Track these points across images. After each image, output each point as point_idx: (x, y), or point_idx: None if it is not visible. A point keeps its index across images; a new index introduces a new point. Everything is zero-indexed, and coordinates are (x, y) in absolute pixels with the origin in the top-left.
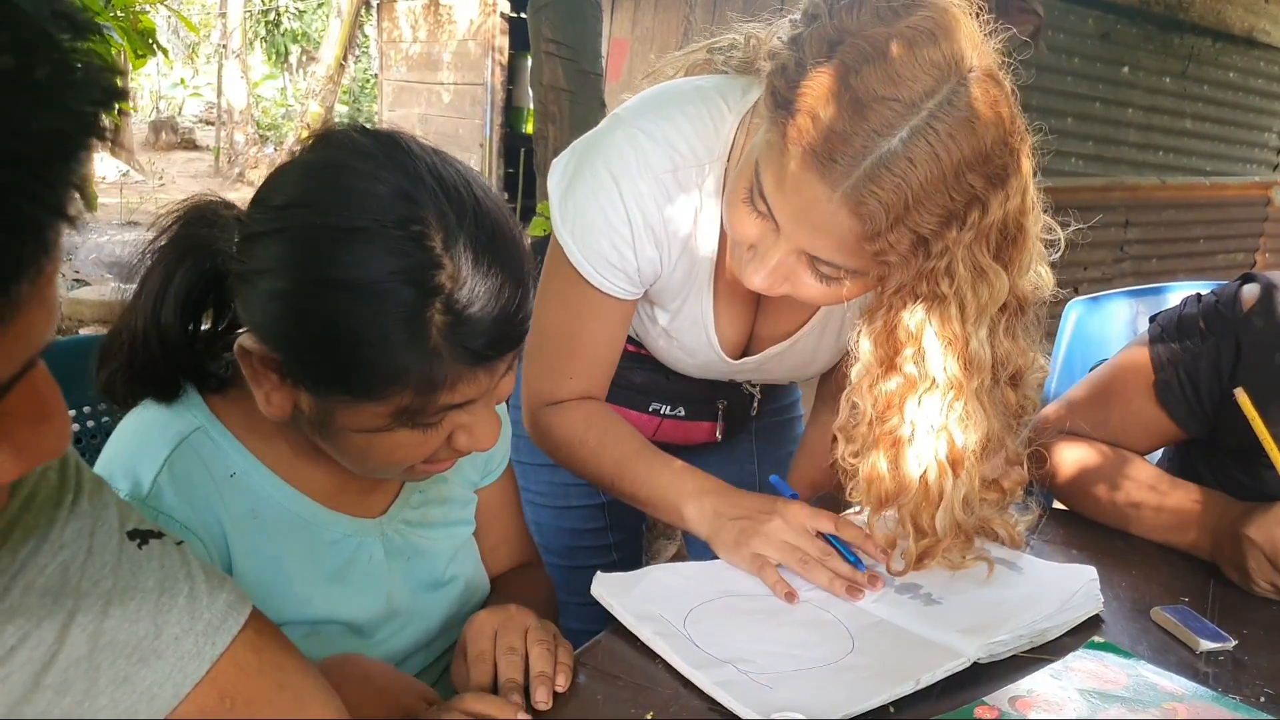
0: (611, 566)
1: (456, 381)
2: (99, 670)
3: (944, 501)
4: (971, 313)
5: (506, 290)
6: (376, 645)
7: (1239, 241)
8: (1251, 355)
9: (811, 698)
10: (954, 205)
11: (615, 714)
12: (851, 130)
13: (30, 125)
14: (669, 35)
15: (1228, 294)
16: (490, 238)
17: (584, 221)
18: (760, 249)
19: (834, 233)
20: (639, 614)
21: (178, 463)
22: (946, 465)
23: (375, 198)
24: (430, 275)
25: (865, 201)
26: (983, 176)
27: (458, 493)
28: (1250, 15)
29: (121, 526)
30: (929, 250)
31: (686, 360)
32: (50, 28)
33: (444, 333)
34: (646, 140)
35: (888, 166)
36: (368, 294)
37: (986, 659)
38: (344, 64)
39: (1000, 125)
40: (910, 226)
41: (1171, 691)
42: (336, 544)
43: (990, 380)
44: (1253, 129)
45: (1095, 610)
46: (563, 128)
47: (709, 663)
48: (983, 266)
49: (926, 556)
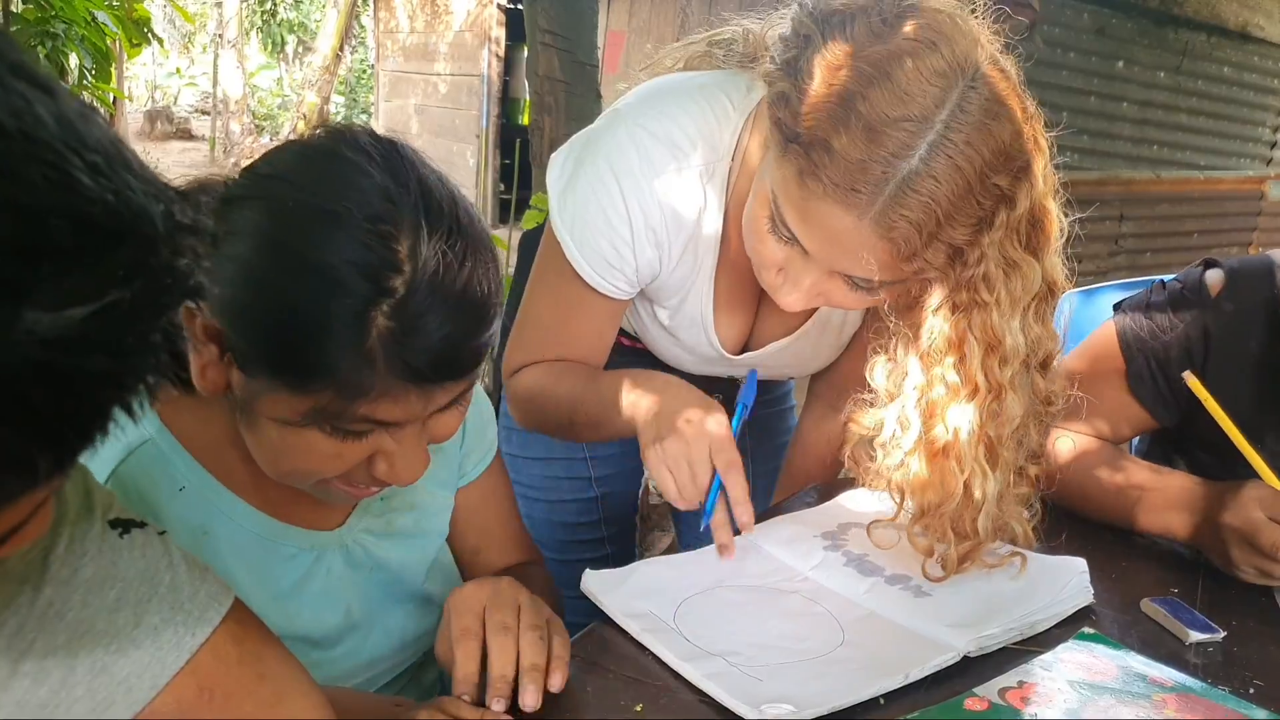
0: (604, 559)
1: (384, 395)
2: (76, 659)
3: (986, 504)
4: (1007, 309)
5: (465, 318)
6: (337, 660)
7: (1233, 235)
8: (1221, 341)
9: (801, 690)
10: (983, 210)
11: (605, 706)
12: (869, 158)
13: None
14: (665, 27)
15: (1193, 280)
16: (461, 261)
17: (583, 220)
18: (790, 272)
19: (868, 256)
20: (628, 610)
21: (125, 475)
22: (987, 468)
23: (356, 189)
24: (387, 276)
25: (896, 225)
26: (1007, 175)
27: (428, 499)
28: (1245, 10)
29: (103, 515)
30: (965, 259)
31: (685, 357)
32: None
33: (384, 339)
34: (649, 139)
35: (912, 187)
36: (320, 275)
37: (976, 652)
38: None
39: (1014, 118)
40: (945, 240)
41: (1161, 682)
42: (292, 559)
43: (1022, 368)
44: (1247, 123)
45: (1085, 602)
46: (558, 119)
47: (698, 655)
48: (1015, 260)
49: (967, 560)
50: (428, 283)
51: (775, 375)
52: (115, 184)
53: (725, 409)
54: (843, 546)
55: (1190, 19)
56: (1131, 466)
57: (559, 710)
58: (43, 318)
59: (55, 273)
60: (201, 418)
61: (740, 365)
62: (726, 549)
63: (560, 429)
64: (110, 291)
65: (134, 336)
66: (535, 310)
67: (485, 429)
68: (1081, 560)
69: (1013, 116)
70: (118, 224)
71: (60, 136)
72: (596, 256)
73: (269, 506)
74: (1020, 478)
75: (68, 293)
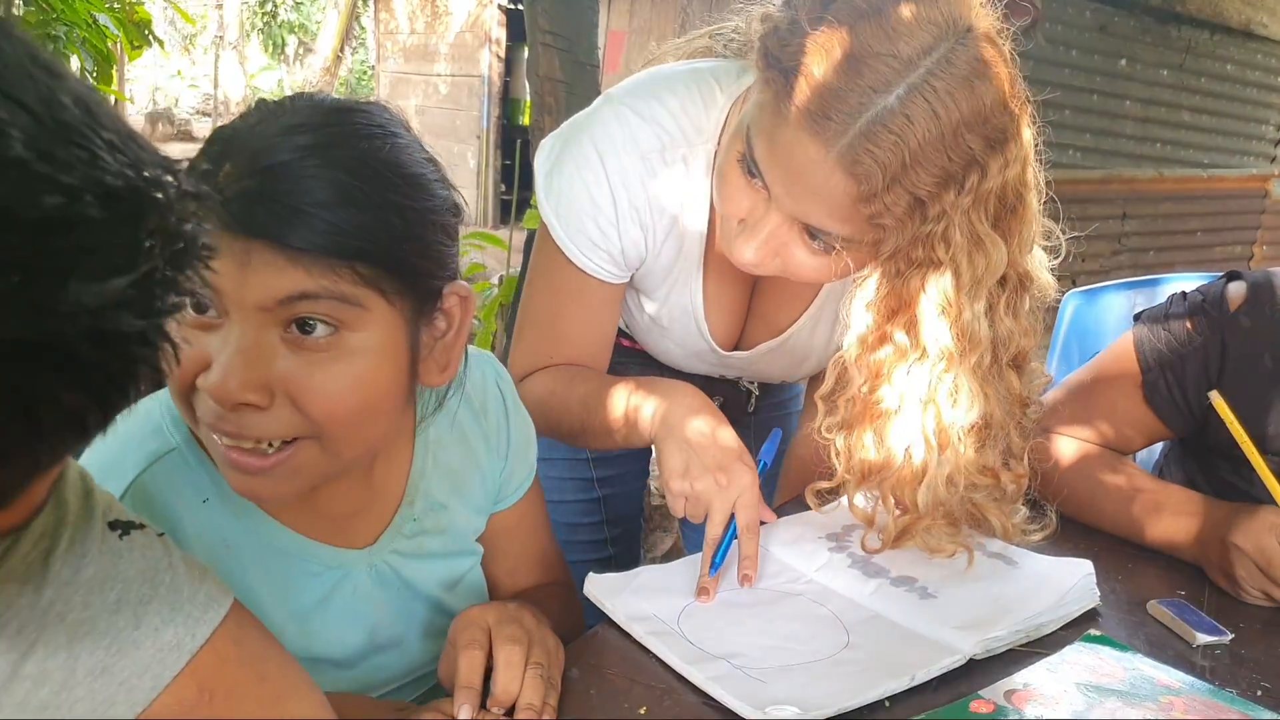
0: (608, 560)
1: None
2: (77, 660)
3: (927, 477)
4: (967, 282)
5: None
6: (354, 679)
7: (1236, 234)
8: (1239, 356)
9: (805, 692)
10: (951, 166)
11: (608, 709)
12: (846, 87)
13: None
14: (666, 27)
15: (1214, 293)
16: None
17: (568, 198)
18: (750, 220)
19: (829, 196)
20: (632, 614)
21: (148, 484)
22: (932, 440)
23: None
24: None
25: (861, 160)
26: (981, 138)
27: (460, 522)
28: (1248, 8)
29: (104, 516)
30: (925, 214)
31: (677, 352)
32: None
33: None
34: (634, 118)
35: (884, 124)
36: None
37: (982, 655)
38: (341, 55)
39: (1000, 87)
40: (907, 188)
41: (1168, 685)
42: (317, 576)
43: (990, 359)
44: (1250, 121)
45: (1092, 604)
46: (559, 119)
47: (702, 658)
48: (980, 235)
49: (905, 535)
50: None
51: (770, 377)
52: (131, 158)
53: (729, 413)
54: (847, 548)
55: (1193, 17)
56: (1134, 475)
57: (563, 713)
58: (88, 289)
59: (92, 246)
60: None
61: (734, 364)
62: (707, 594)
63: (572, 437)
64: (144, 260)
65: (164, 301)
66: (532, 303)
67: (527, 450)
68: (1087, 562)
69: (999, 85)
70: (138, 195)
71: (81, 118)
72: (582, 236)
73: (295, 522)
74: (983, 472)
75: (108, 266)
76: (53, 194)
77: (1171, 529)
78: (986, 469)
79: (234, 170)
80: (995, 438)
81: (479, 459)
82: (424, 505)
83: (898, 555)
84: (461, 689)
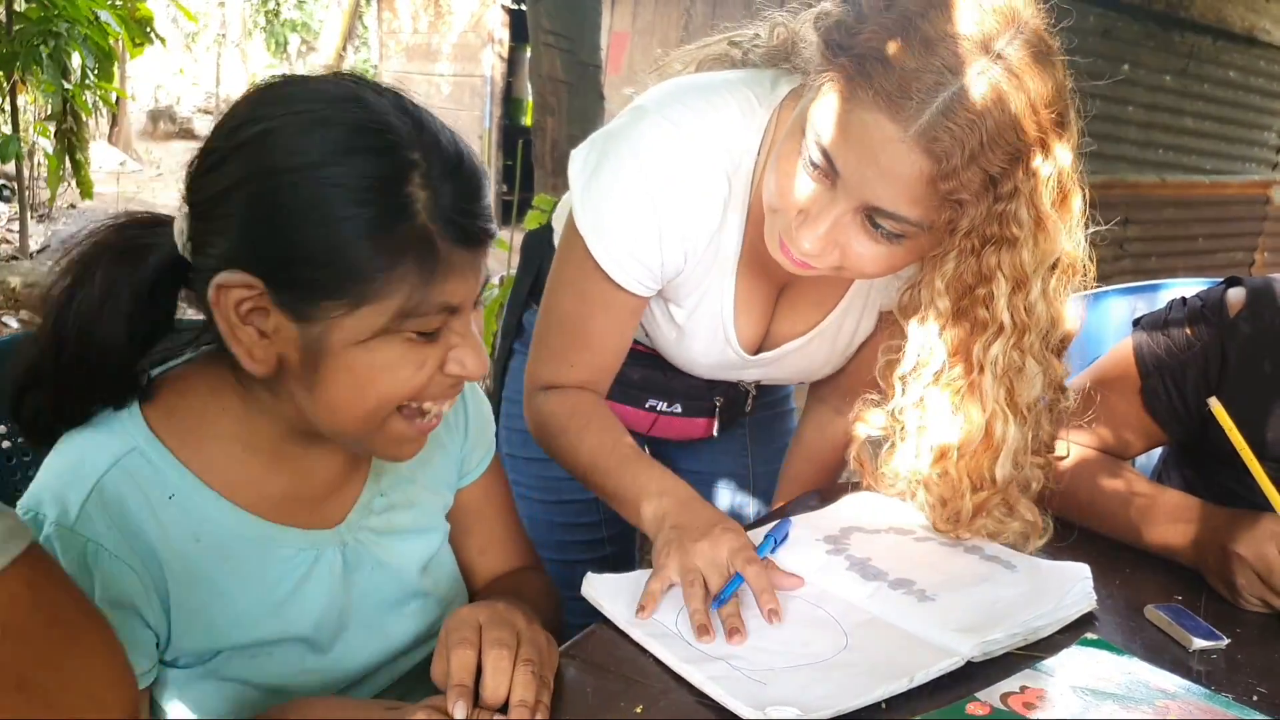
0: (604, 560)
1: (450, 270)
2: None
3: (1005, 449)
4: (1033, 261)
5: (477, 176)
6: (335, 664)
7: (1238, 240)
8: (1239, 362)
9: (805, 693)
10: (1021, 145)
11: (605, 707)
12: (923, 67)
13: None
14: (669, 28)
15: (1213, 298)
16: (449, 130)
17: (607, 214)
18: (813, 211)
19: (905, 175)
20: (631, 618)
21: (109, 487)
22: (1009, 411)
23: (323, 95)
24: (402, 150)
25: (940, 138)
26: (1048, 118)
27: (428, 497)
28: (1251, 14)
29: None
30: (998, 191)
31: (700, 360)
32: None
33: (428, 207)
34: (675, 131)
35: (960, 102)
36: (338, 168)
37: (980, 658)
38: (343, 54)
39: (1060, 73)
40: (982, 165)
41: (1164, 689)
42: (289, 560)
43: (1040, 342)
44: (1253, 128)
45: (1089, 608)
46: (561, 119)
47: (700, 659)
48: (1043, 215)
49: (979, 512)
50: (438, 149)
51: (784, 380)
52: None
53: (727, 413)
54: (845, 550)
55: (1196, 22)
56: (1133, 480)
57: (559, 712)
58: None
59: None
60: (193, 423)
61: (754, 366)
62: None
63: (572, 474)
64: None
65: None
66: (555, 309)
67: (485, 428)
68: (1085, 566)
69: (1058, 72)
70: None
71: None
72: (621, 251)
73: (263, 509)
74: (1039, 452)
75: None
76: None
77: (1169, 534)
78: (1039, 449)
79: (456, 190)
80: (1037, 416)
81: (440, 437)
82: (390, 481)
83: (896, 558)
84: (454, 688)
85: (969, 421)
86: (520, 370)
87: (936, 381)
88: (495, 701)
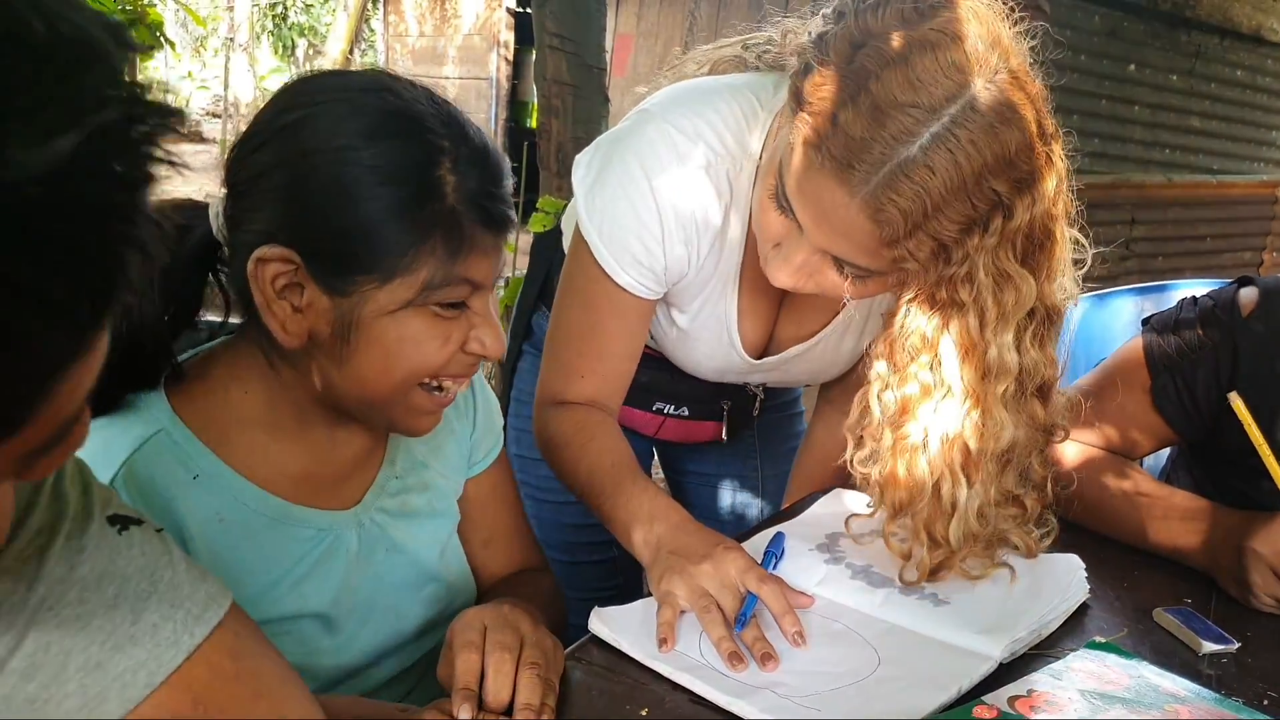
0: (610, 562)
1: (474, 249)
2: (69, 656)
3: (958, 512)
4: (992, 319)
5: (500, 163)
6: (351, 645)
7: (1245, 240)
8: (1251, 362)
9: (861, 715)
10: (976, 212)
11: (611, 710)
12: (871, 137)
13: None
14: (673, 30)
15: (1225, 298)
16: (469, 121)
17: (612, 217)
18: (785, 247)
19: (853, 236)
20: (651, 650)
21: (137, 466)
22: (961, 475)
23: (362, 87)
24: (432, 137)
25: (884, 208)
26: (1007, 181)
27: (441, 481)
28: (1258, 13)
29: (102, 511)
30: (949, 257)
31: (705, 364)
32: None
33: (457, 192)
34: (679, 135)
35: (906, 174)
36: (372, 150)
37: (1008, 659)
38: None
39: (1025, 129)
40: (930, 234)
41: (1173, 693)
42: (309, 540)
43: (1015, 389)
44: (1260, 127)
45: (1083, 598)
46: (565, 122)
47: (744, 690)
48: (1008, 272)
49: (942, 569)
50: (465, 139)
51: (791, 382)
52: (59, 14)
53: (733, 415)
54: (843, 559)
55: (1203, 22)
56: (1141, 481)
57: (565, 714)
58: (31, 154)
59: (28, 106)
60: (216, 406)
61: (759, 370)
62: (739, 659)
63: (571, 491)
64: (87, 118)
65: (125, 165)
66: (565, 319)
67: (494, 419)
68: (1075, 557)
69: (1024, 127)
70: (70, 51)
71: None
72: (626, 254)
73: (283, 490)
74: (1011, 503)
75: (47, 126)
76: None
77: (1179, 533)
78: (1014, 499)
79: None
80: (1018, 464)
81: (450, 424)
82: (405, 464)
83: (900, 563)
84: (459, 690)
85: (916, 486)
86: (529, 371)
87: (886, 442)
88: (498, 704)
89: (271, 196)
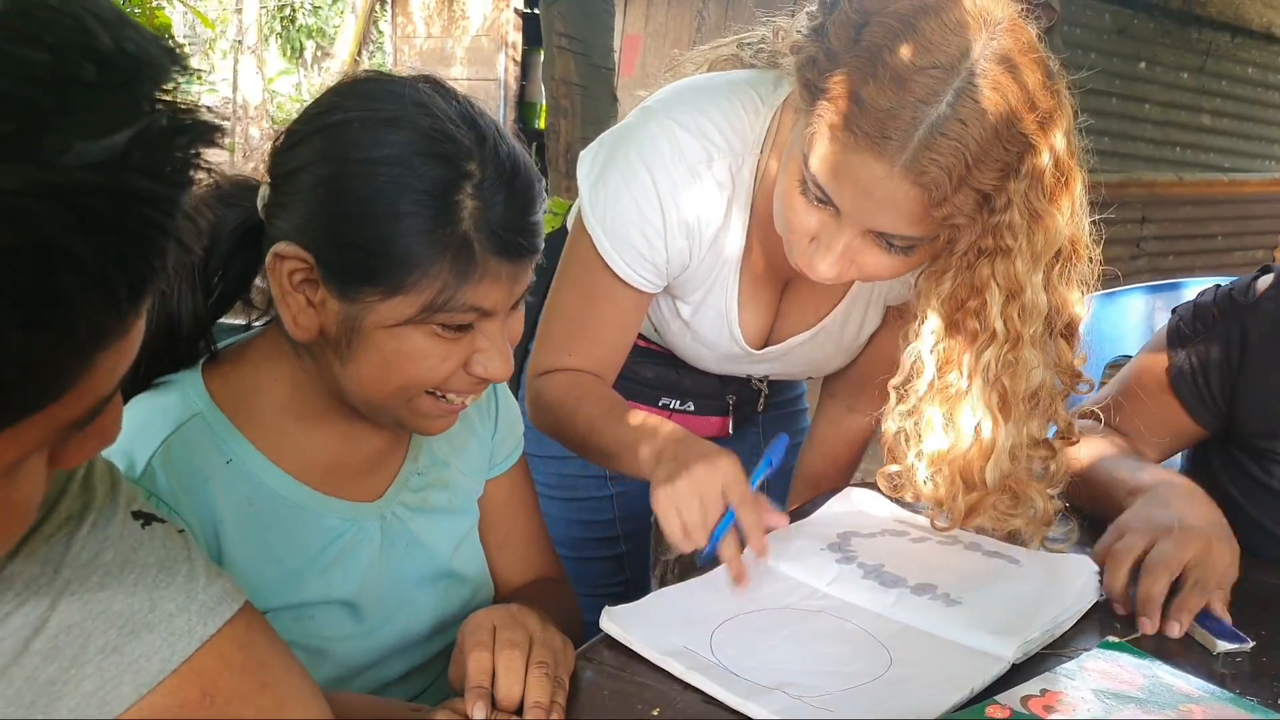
0: (619, 558)
1: (485, 276)
2: (89, 638)
3: (995, 452)
4: (1029, 260)
5: (529, 191)
6: (372, 635)
7: (1257, 238)
8: (1261, 342)
9: (873, 716)
10: (1009, 156)
11: (621, 710)
12: (898, 104)
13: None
14: (681, 31)
15: (1243, 283)
16: (509, 145)
17: (615, 211)
18: (823, 238)
19: (901, 205)
20: (663, 649)
21: (175, 446)
22: (999, 415)
23: (401, 100)
24: (460, 161)
25: (926, 170)
26: (1032, 121)
27: (461, 480)
28: (1269, 11)
29: (127, 505)
30: (993, 205)
31: (707, 355)
32: None
33: (474, 218)
34: (680, 130)
35: (941, 132)
36: (401, 169)
37: (1021, 659)
38: (358, 59)
39: (1039, 66)
40: (973, 185)
41: (1188, 693)
42: (334, 529)
43: (1044, 329)
44: (1271, 125)
45: (1096, 599)
46: (574, 122)
47: (756, 691)
48: (1039, 211)
49: (974, 513)
50: (494, 163)
51: (793, 375)
52: (123, 33)
53: (740, 411)
54: (855, 558)
55: (1213, 19)
56: (1124, 448)
57: (576, 713)
58: (91, 145)
59: (91, 104)
60: (248, 391)
61: (761, 361)
62: (741, 578)
63: (573, 447)
64: (142, 117)
65: (168, 164)
66: (561, 304)
67: (515, 423)
68: (1087, 558)
69: (1039, 66)
70: (131, 63)
71: (75, 1)
72: (628, 248)
73: (311, 478)
74: (1038, 444)
75: (106, 122)
76: (38, 50)
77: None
78: (1042, 442)
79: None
80: (1045, 405)
81: (473, 424)
82: (427, 461)
83: (908, 562)
84: (473, 689)
85: (957, 431)
86: None
87: (930, 392)
88: (509, 702)
89: (300, 195)
